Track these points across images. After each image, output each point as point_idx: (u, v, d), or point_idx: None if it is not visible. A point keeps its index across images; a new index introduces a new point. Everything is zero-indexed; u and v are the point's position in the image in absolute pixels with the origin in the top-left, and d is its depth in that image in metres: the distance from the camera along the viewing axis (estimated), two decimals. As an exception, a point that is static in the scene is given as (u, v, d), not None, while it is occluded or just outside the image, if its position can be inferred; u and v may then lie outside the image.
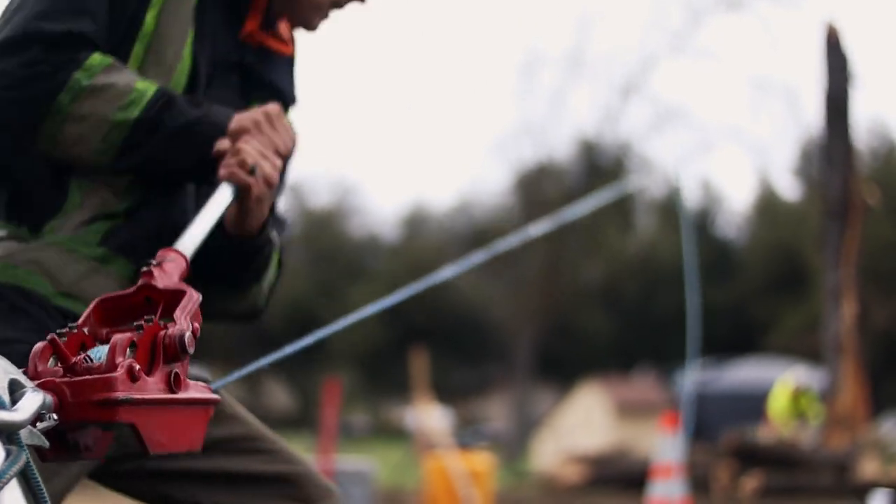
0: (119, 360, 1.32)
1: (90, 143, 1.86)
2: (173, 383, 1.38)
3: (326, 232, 52.03)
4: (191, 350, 1.40)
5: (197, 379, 1.46)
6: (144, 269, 1.54)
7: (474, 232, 42.71)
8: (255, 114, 1.94)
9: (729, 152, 58.40)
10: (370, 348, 44.59)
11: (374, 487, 9.72)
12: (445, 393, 50.94)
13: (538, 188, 31.77)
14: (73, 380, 1.30)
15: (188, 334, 1.40)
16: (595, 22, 39.73)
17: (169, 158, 1.91)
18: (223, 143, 1.89)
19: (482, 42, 67.32)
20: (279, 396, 58.22)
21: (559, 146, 36.54)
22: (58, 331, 1.39)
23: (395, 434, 45.88)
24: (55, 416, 1.24)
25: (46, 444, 1.23)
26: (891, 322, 22.69)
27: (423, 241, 48.96)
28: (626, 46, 37.09)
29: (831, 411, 16.83)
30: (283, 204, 2.26)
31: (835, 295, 17.03)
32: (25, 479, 1.16)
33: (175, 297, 1.49)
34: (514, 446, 29.69)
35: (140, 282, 1.52)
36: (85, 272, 1.88)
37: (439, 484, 9.83)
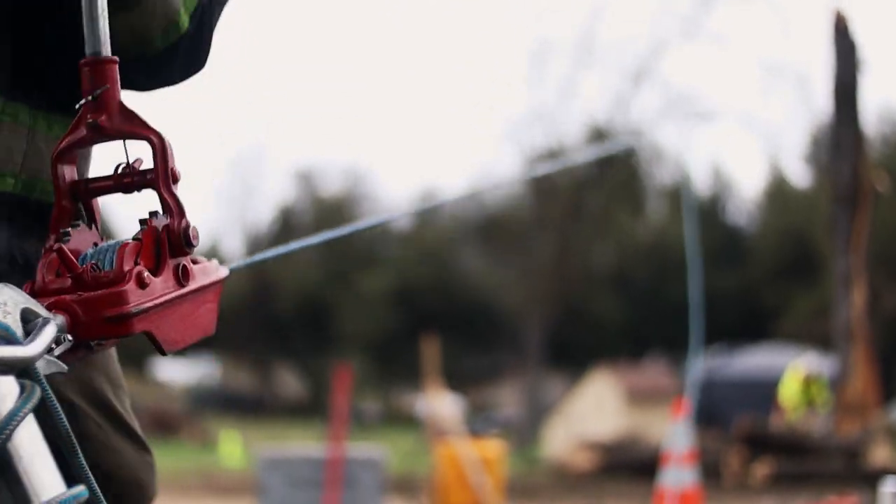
0: (128, 267, 1.30)
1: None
2: (182, 277, 1.37)
3: (337, 219, 52.03)
4: (195, 243, 1.38)
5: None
6: (78, 105, 1.38)
7: (485, 219, 42.74)
8: None
9: (739, 138, 58.28)
10: (381, 335, 44.65)
11: (385, 474, 9.74)
12: (457, 380, 50.95)
13: (548, 175, 31.76)
14: (83, 297, 1.28)
15: (193, 226, 1.38)
16: (606, 8, 39.66)
17: None
18: None
19: (493, 29, 67.21)
20: (290, 383, 58.32)
21: (570, 133, 36.54)
22: (62, 230, 1.36)
23: (406, 421, 45.95)
24: (69, 338, 1.22)
25: (65, 368, 1.22)
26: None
27: (434, 229, 48.96)
28: (636, 33, 37.02)
29: (842, 398, 16.82)
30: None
31: (845, 281, 17.01)
32: (45, 411, 1.13)
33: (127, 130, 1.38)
34: (525, 433, 29.72)
35: (87, 122, 1.38)
36: None
37: (450, 471, 9.86)
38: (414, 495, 12.52)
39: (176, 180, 1.38)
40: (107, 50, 1.37)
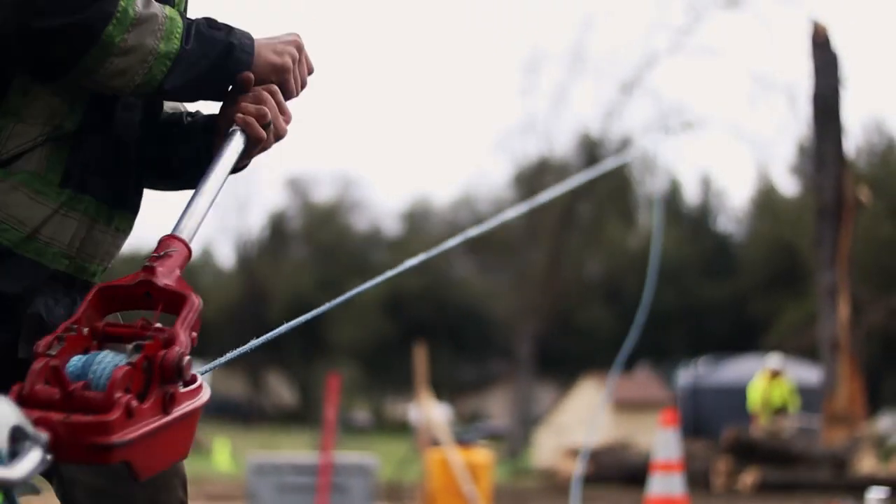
0: (117, 394, 1.28)
1: (133, 76, 1.73)
2: (167, 405, 1.36)
3: (329, 226, 52.08)
4: (187, 376, 1.38)
5: None
6: (146, 263, 1.51)
7: (476, 226, 42.84)
8: (289, 47, 1.92)
9: (729, 148, 58.54)
10: (372, 343, 44.70)
11: (375, 482, 9.83)
12: (447, 388, 51.03)
13: (540, 183, 31.87)
14: (69, 420, 1.26)
15: (186, 359, 1.37)
16: (598, 19, 39.81)
17: (204, 86, 1.84)
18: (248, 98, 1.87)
19: (486, 38, 67.39)
20: (281, 391, 58.28)
21: (561, 142, 36.65)
22: (59, 333, 1.37)
23: (397, 429, 45.97)
24: (49, 457, 1.20)
25: (40, 491, 1.22)
26: (888, 319, 22.78)
27: (425, 236, 49.00)
28: (627, 43, 37.16)
29: (828, 408, 16.94)
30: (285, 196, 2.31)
31: (830, 294, 17.13)
32: None
33: (175, 299, 1.46)
34: (515, 442, 29.79)
35: (141, 276, 1.48)
36: (50, 215, 1.79)
37: (441, 479, 9.93)
38: (404, 503, 12.59)
39: (196, 330, 1.46)
40: (188, 236, 1.60)
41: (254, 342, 1.84)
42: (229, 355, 1.82)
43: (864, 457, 15.63)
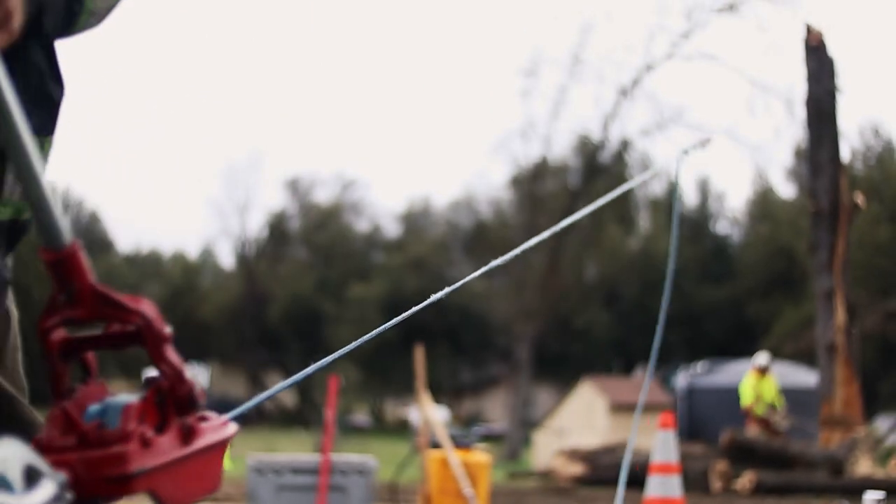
0: (131, 426, 1.28)
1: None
2: (187, 436, 1.36)
3: (328, 227, 52.12)
4: (201, 404, 1.37)
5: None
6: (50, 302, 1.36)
7: (475, 227, 42.86)
8: None
9: (727, 152, 58.60)
10: (372, 345, 44.74)
11: (374, 483, 9.90)
12: (446, 391, 51.10)
13: (539, 185, 31.95)
14: (85, 455, 1.26)
15: (197, 388, 1.36)
16: (597, 24, 40.12)
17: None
18: None
19: (487, 41, 67.48)
20: (281, 393, 58.28)
21: (560, 144, 36.73)
22: (73, 385, 1.35)
23: (396, 430, 46.02)
24: (69, 496, 1.20)
25: None
26: (886, 322, 22.85)
27: (424, 236, 49.07)
28: (627, 47, 37.20)
29: (826, 411, 17.01)
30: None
31: (827, 298, 17.19)
32: None
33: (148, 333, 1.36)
34: (514, 444, 29.85)
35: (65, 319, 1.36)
36: None
37: (440, 480, 10.00)
38: (403, 504, 12.66)
39: (168, 342, 1.35)
40: (67, 238, 1.30)
41: (322, 361, 1.80)
42: (288, 383, 1.81)
43: (861, 459, 15.70)
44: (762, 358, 18.01)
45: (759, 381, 17.41)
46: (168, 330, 1.34)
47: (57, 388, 1.37)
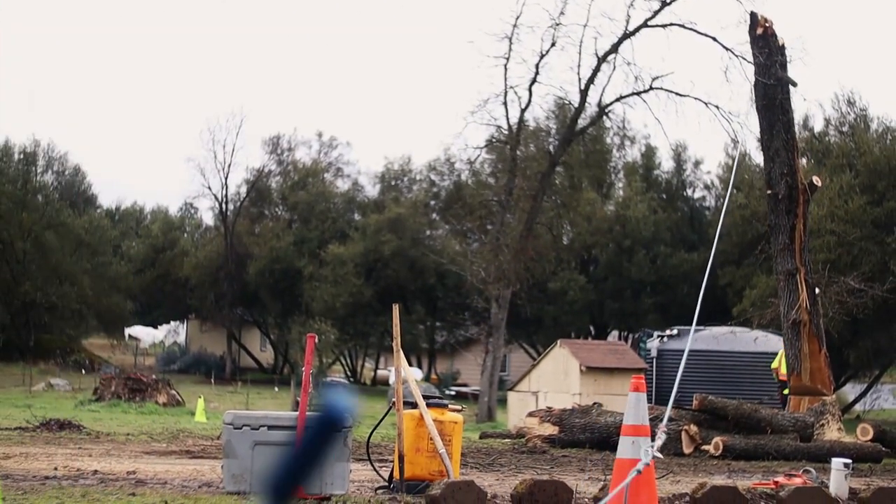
0: None
1: None
2: None
3: (308, 186, 52.04)
4: None
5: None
6: None
7: (454, 189, 42.86)
8: None
9: (703, 119, 58.72)
10: (349, 305, 44.83)
11: (350, 440, 10.06)
12: (422, 351, 51.27)
13: (518, 148, 32.02)
14: None
15: None
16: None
17: None
18: None
19: (467, 5, 67.25)
20: (259, 349, 58.49)
21: (539, 109, 36.75)
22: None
23: (372, 389, 46.23)
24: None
25: None
26: (855, 292, 23.09)
27: (403, 197, 49.03)
28: (606, 13, 37.17)
29: (795, 382, 17.29)
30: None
31: (789, 277, 17.42)
32: None
33: None
34: (488, 404, 30.10)
35: None
36: None
37: (413, 438, 10.15)
38: (379, 462, 12.81)
39: None
40: None
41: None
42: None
43: (829, 426, 15.96)
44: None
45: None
46: None
47: None
